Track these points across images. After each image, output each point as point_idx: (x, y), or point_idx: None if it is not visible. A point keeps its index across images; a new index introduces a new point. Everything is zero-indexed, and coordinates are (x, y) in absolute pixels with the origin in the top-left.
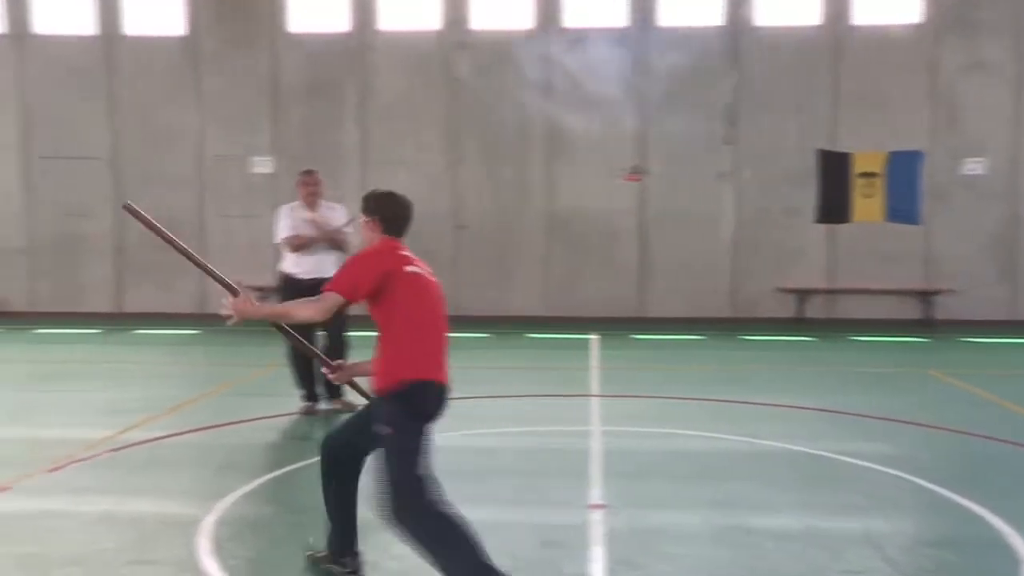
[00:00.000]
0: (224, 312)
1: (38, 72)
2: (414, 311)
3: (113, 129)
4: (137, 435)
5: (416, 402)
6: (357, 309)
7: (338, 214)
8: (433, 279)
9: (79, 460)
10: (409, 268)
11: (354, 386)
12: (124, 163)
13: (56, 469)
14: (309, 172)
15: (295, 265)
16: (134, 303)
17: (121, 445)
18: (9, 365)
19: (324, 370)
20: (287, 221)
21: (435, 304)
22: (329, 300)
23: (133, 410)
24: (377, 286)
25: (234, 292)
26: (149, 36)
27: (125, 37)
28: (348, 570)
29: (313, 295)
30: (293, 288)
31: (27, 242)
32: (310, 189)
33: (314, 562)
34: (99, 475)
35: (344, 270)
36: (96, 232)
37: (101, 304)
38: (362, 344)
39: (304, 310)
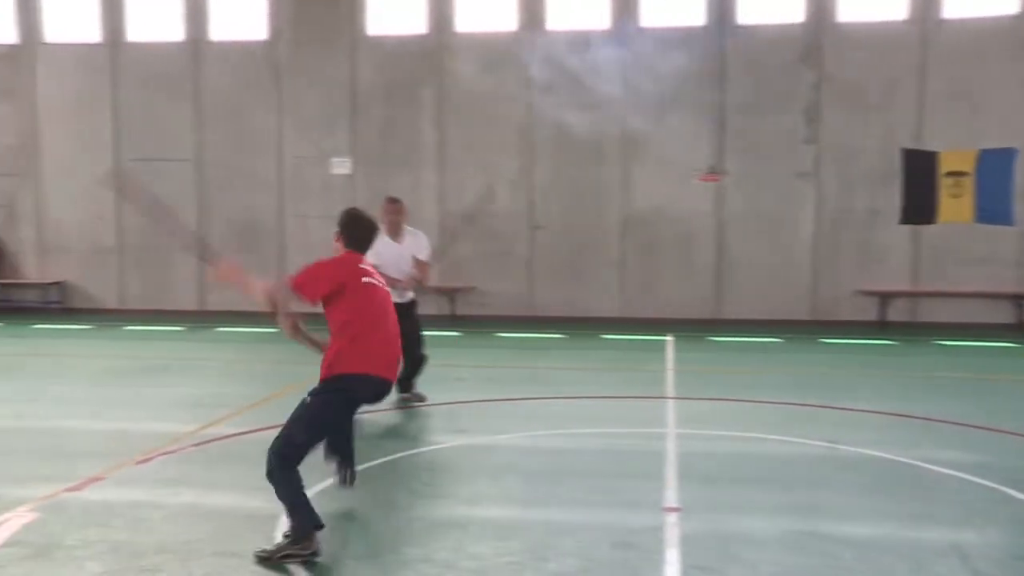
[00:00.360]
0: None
1: (130, 77)
2: (365, 317)
3: (198, 131)
4: (219, 430)
5: (349, 391)
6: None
7: (420, 243)
8: (384, 289)
9: (166, 453)
10: (365, 279)
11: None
12: (208, 164)
13: (144, 461)
14: (393, 201)
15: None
16: (216, 301)
17: (205, 439)
18: (101, 361)
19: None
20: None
21: (382, 311)
22: (281, 291)
23: (215, 405)
24: (332, 292)
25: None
26: (233, 41)
27: (211, 42)
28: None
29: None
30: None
31: (117, 241)
32: (392, 218)
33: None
34: (184, 468)
35: (307, 271)
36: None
37: (186, 302)
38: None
39: (257, 289)
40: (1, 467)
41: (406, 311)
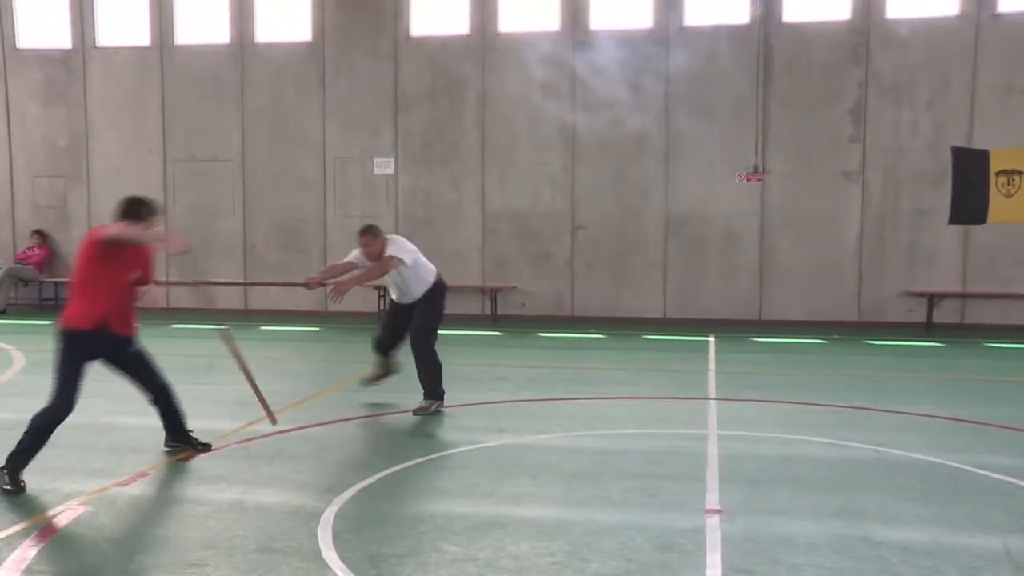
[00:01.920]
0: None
1: (178, 80)
2: None
3: (244, 132)
4: (263, 428)
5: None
6: None
7: (397, 246)
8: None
9: (210, 450)
10: None
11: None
12: (253, 165)
13: (190, 458)
14: (361, 233)
15: (393, 292)
16: (259, 301)
17: (248, 437)
18: None
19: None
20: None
21: None
22: None
23: (258, 404)
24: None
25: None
26: (278, 43)
27: (256, 45)
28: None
29: (408, 317)
30: (393, 309)
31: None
32: (364, 250)
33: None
34: (228, 465)
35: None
36: (226, 231)
37: (230, 301)
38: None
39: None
40: (52, 462)
41: (406, 311)
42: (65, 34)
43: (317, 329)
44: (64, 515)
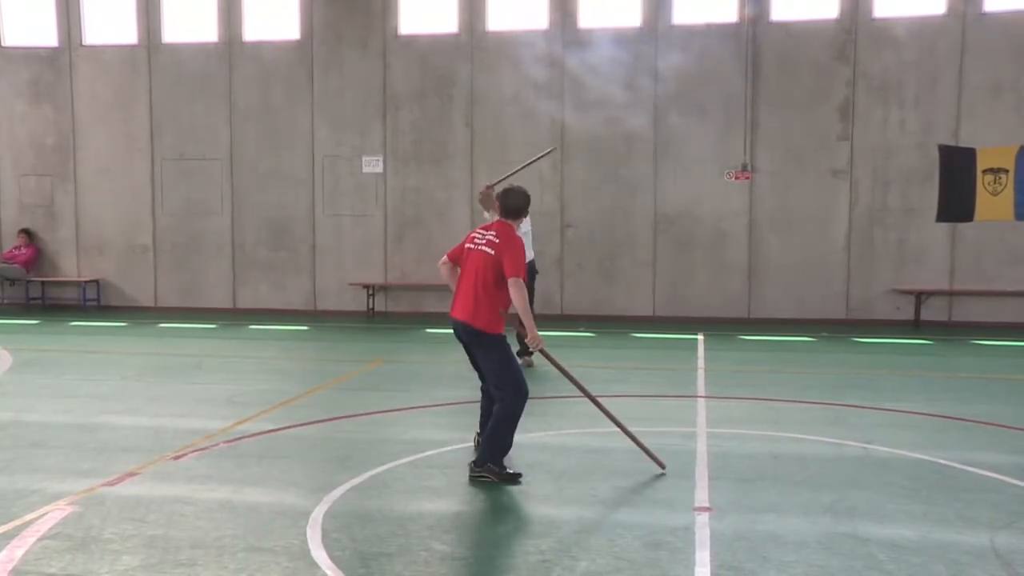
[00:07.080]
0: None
1: (166, 78)
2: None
3: (232, 130)
4: (252, 427)
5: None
6: None
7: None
8: (476, 251)
9: (199, 449)
10: (467, 245)
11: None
12: (242, 163)
13: (179, 457)
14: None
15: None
16: (248, 299)
17: (238, 436)
18: (136, 358)
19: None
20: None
21: (464, 269)
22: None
23: (248, 403)
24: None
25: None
26: (266, 41)
27: (245, 43)
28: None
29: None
30: None
31: (153, 240)
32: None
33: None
34: (218, 464)
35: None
36: (215, 230)
37: (219, 300)
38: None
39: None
40: (41, 462)
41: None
42: (52, 32)
43: (306, 328)
44: (52, 515)
